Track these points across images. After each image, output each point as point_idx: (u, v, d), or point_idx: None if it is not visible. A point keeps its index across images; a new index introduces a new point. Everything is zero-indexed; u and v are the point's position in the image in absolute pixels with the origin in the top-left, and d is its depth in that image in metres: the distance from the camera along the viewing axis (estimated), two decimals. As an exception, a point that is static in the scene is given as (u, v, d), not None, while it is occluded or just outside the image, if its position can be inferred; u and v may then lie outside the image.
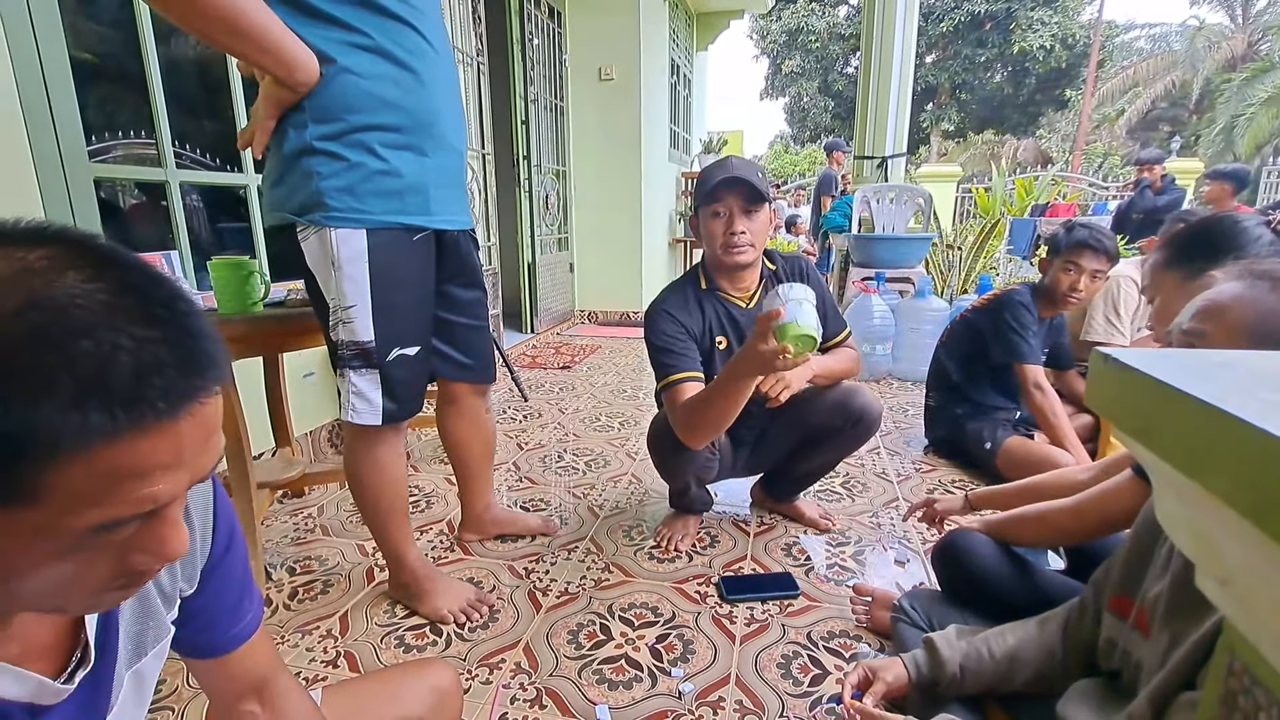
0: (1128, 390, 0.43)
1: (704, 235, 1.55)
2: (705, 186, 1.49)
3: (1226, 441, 0.33)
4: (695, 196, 1.55)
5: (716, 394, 1.34)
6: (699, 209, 1.54)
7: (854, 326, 3.34)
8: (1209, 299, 0.72)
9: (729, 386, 1.30)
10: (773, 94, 17.91)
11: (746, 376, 1.27)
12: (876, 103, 4.15)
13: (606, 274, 4.89)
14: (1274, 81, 12.83)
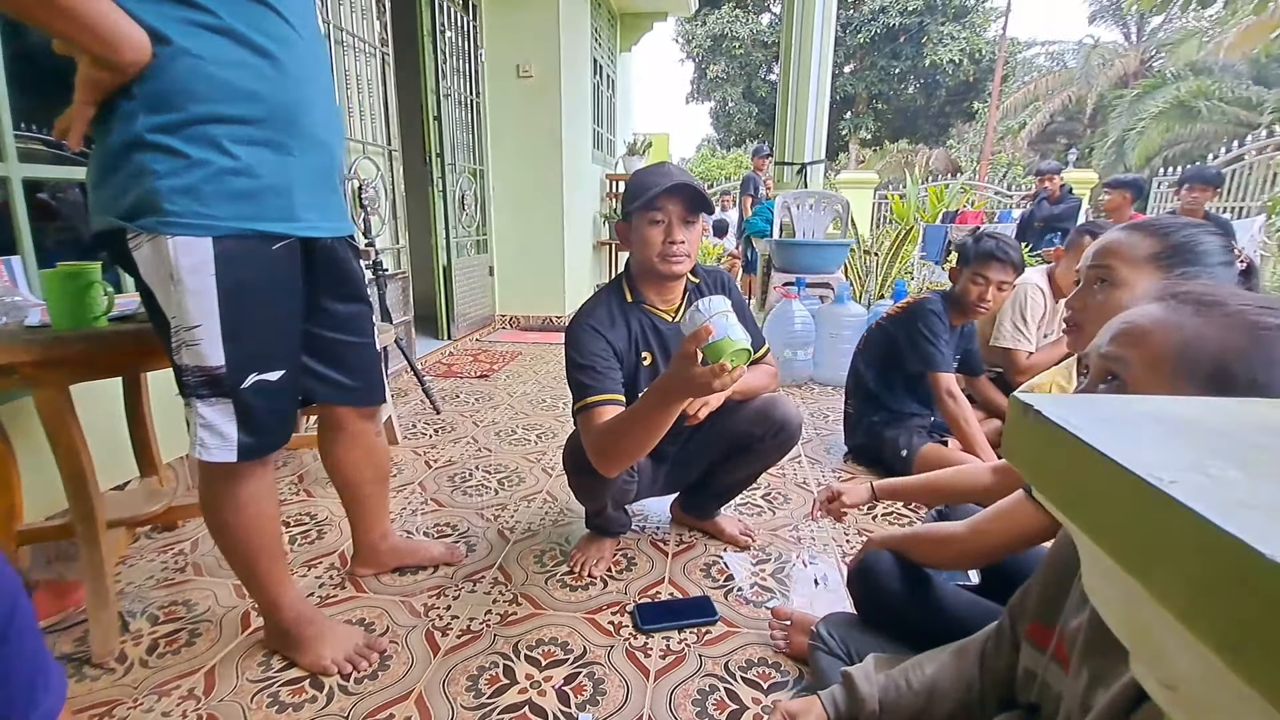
0: (1053, 452, 0.36)
1: (637, 242, 1.45)
2: (644, 192, 1.39)
3: (1177, 541, 0.26)
4: (627, 200, 1.45)
5: (638, 420, 1.23)
6: (632, 214, 1.43)
7: (776, 332, 3.38)
8: (1130, 322, 0.69)
9: (653, 413, 1.20)
10: (698, 98, 18.12)
11: (676, 401, 1.17)
12: (796, 110, 4.20)
13: (528, 277, 4.73)
14: (1164, 97, 13.96)
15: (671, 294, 1.53)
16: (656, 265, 1.44)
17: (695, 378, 1.06)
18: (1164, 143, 14.13)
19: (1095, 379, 0.71)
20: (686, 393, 1.13)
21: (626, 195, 1.46)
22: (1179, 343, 0.64)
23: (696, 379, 1.06)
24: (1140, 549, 0.28)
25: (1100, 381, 0.70)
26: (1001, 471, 1.19)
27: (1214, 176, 4.23)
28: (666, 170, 1.42)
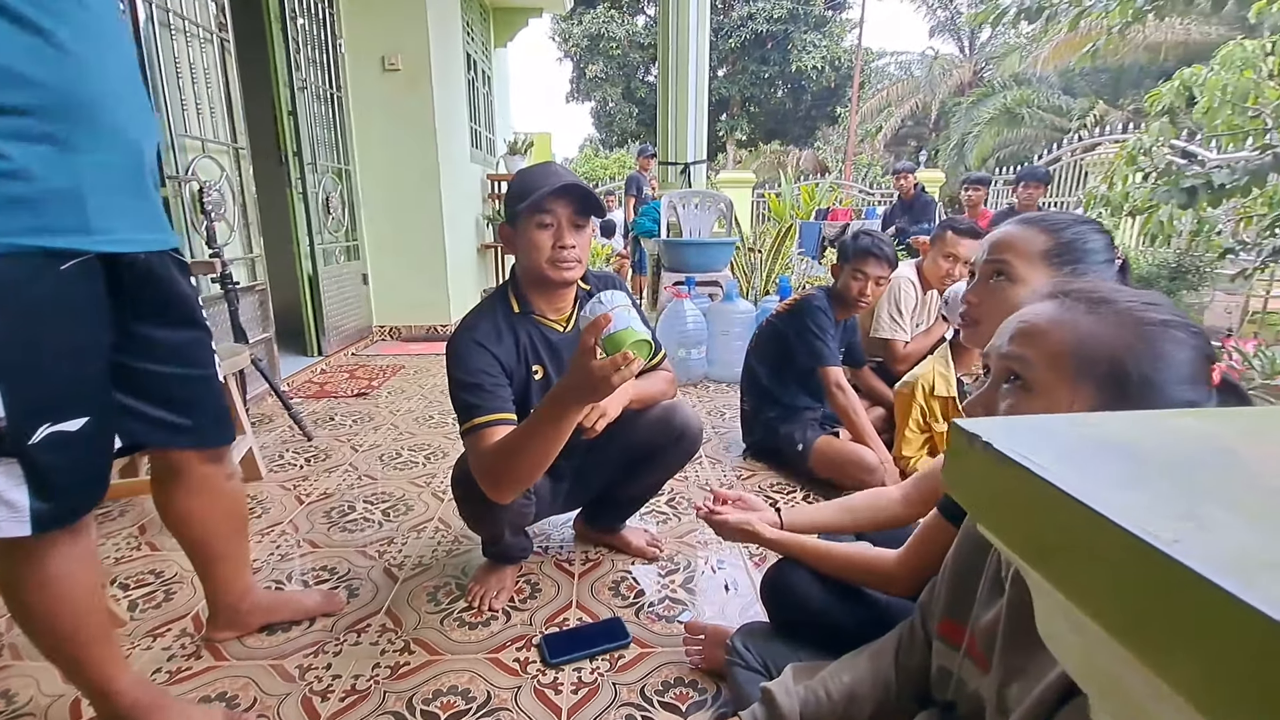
0: (1010, 491, 0.32)
1: (524, 247, 1.34)
2: (530, 193, 1.29)
3: (1189, 613, 0.22)
4: (511, 201, 1.34)
5: (534, 434, 1.14)
6: (517, 216, 1.32)
7: (669, 331, 3.37)
8: (1026, 321, 0.69)
9: (549, 425, 1.11)
10: (578, 97, 18.02)
11: (574, 405, 1.09)
12: (676, 110, 4.23)
13: (408, 285, 4.44)
14: (994, 104, 15.63)
15: (562, 302, 1.45)
16: (546, 272, 1.34)
17: (594, 372, 1.00)
18: (996, 145, 15.80)
19: (998, 379, 0.71)
20: (585, 392, 1.05)
21: (510, 196, 1.35)
22: (1075, 341, 0.64)
23: (596, 374, 1.00)
24: (1137, 618, 0.24)
25: (1003, 381, 0.70)
26: (912, 490, 1.20)
27: (1044, 175, 4.77)
28: (553, 170, 1.33)
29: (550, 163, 1.40)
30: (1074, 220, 0.95)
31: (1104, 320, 0.64)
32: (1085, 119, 14.40)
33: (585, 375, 1.01)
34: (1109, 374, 0.63)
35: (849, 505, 1.25)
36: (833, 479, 2.10)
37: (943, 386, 1.99)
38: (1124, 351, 0.63)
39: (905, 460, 2.17)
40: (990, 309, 0.97)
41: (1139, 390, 0.62)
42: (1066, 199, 8.28)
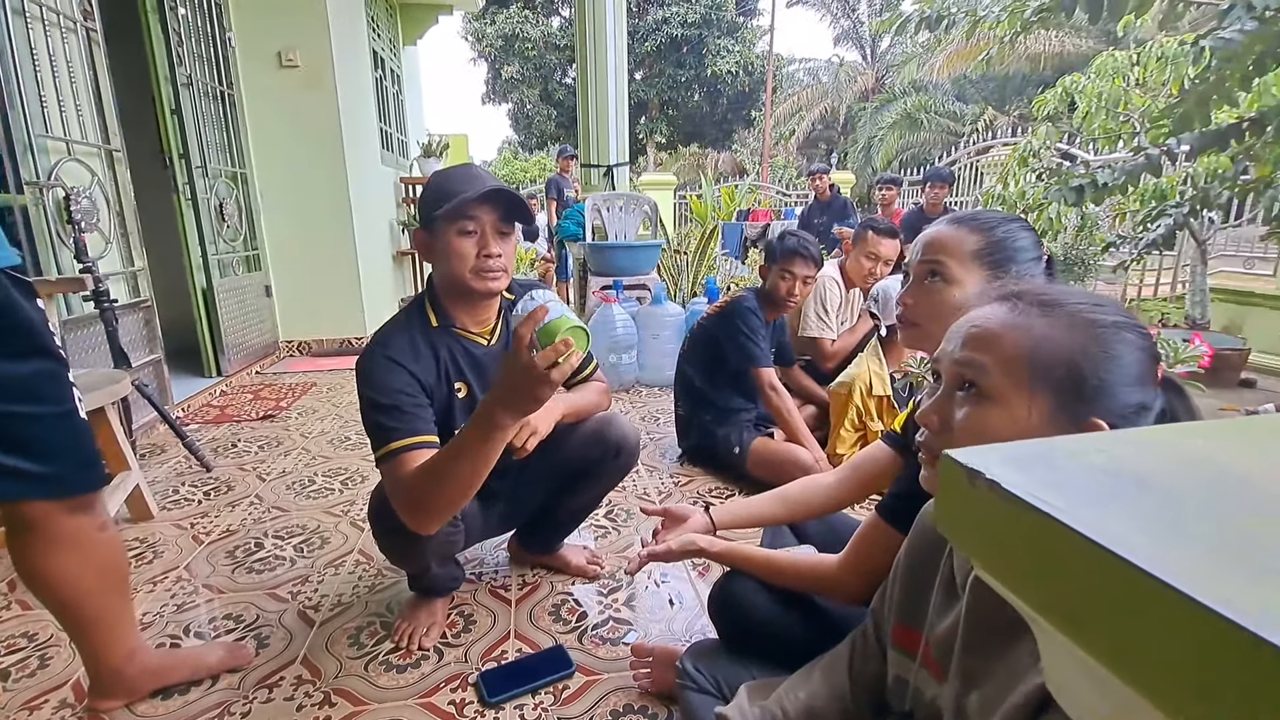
0: (1024, 539, 0.28)
1: (444, 255, 1.23)
2: (449, 197, 1.19)
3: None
4: (428, 205, 1.23)
5: (461, 454, 1.04)
6: (436, 222, 1.22)
7: (598, 337, 3.30)
8: (978, 326, 0.67)
9: (478, 443, 1.01)
10: (495, 99, 17.61)
11: (508, 416, 0.99)
12: (597, 112, 4.17)
13: (317, 296, 4.16)
14: (896, 110, 16.54)
15: (485, 314, 1.35)
16: (469, 282, 1.25)
17: (532, 368, 0.91)
18: (899, 148, 16.69)
19: (951, 385, 0.69)
20: (522, 396, 0.95)
21: (426, 200, 1.25)
22: (1030, 346, 0.63)
23: (534, 370, 0.91)
24: (1209, 697, 0.20)
25: (957, 389, 0.68)
26: (848, 475, 1.19)
27: (948, 175, 5.05)
28: (475, 174, 1.25)
29: (470, 165, 1.31)
30: (1003, 219, 0.96)
31: (1057, 323, 0.63)
32: (977, 124, 15.42)
33: (522, 374, 0.93)
34: (1066, 378, 0.62)
35: (782, 495, 1.23)
36: (770, 480, 2.10)
37: (879, 386, 2.03)
38: (1079, 355, 0.62)
39: (839, 458, 2.20)
40: (927, 310, 0.97)
41: (1094, 394, 0.61)
42: (965, 198, 8.82)
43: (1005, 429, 0.63)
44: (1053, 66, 14.56)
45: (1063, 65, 13.83)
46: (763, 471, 2.11)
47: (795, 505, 1.20)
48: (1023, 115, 16.03)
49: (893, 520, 0.94)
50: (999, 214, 0.97)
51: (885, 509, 0.96)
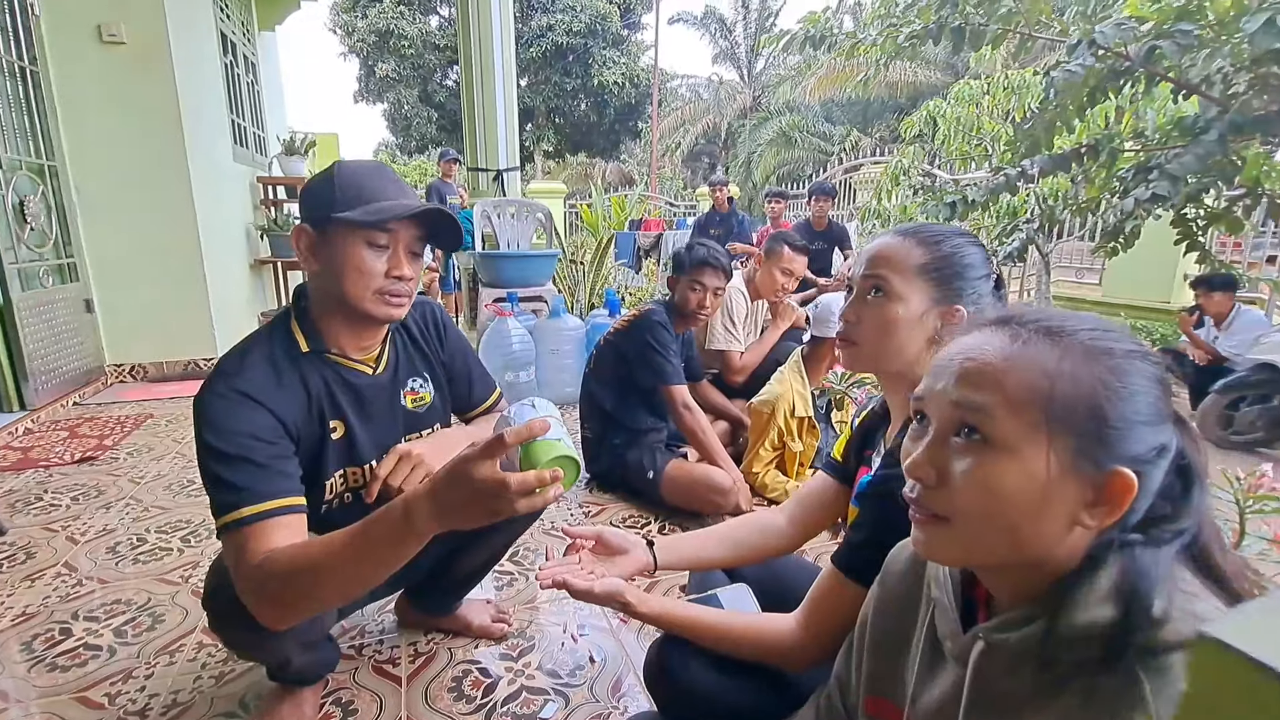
0: None
1: (341, 267, 0.99)
2: (363, 199, 0.97)
3: None
4: (326, 202, 0.98)
5: (360, 556, 0.79)
6: (332, 224, 0.98)
7: (493, 354, 3.06)
8: (973, 358, 0.56)
9: (386, 547, 0.78)
10: (368, 97, 16.49)
11: (440, 523, 0.75)
12: (484, 114, 3.92)
13: (154, 311, 3.57)
14: (772, 128, 17.38)
15: (371, 340, 1.12)
16: (368, 305, 1.01)
17: (499, 486, 0.69)
18: (776, 164, 17.56)
19: (945, 432, 0.57)
20: (469, 510, 0.72)
21: (323, 194, 0.99)
22: (1045, 382, 0.53)
23: (501, 490, 0.69)
24: None
25: (951, 434, 0.56)
26: (795, 510, 1.08)
27: (831, 189, 5.26)
28: (393, 179, 1.04)
29: (383, 166, 1.07)
30: (952, 233, 0.88)
31: (1070, 354, 0.54)
32: (844, 144, 16.54)
33: (484, 488, 0.70)
34: (1088, 420, 0.52)
35: (732, 537, 1.08)
36: (685, 505, 1.98)
37: (801, 406, 1.97)
38: (1100, 392, 0.52)
39: (754, 476, 2.12)
40: (870, 328, 0.88)
41: (1116, 438, 0.52)
42: (841, 212, 9.35)
43: (1021, 484, 0.53)
44: (908, 94, 15.98)
45: (916, 93, 15.22)
46: (678, 496, 1.99)
47: (744, 549, 1.07)
48: (883, 138, 17.42)
49: (854, 574, 0.83)
50: (948, 228, 0.89)
51: (844, 562, 0.85)
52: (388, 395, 1.14)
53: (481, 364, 1.34)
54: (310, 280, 1.07)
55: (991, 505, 0.52)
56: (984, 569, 0.60)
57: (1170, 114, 3.21)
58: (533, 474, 0.70)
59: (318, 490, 1.08)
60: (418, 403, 1.20)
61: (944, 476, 0.55)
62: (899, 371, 0.89)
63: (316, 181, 1.03)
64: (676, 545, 1.04)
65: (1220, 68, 2.54)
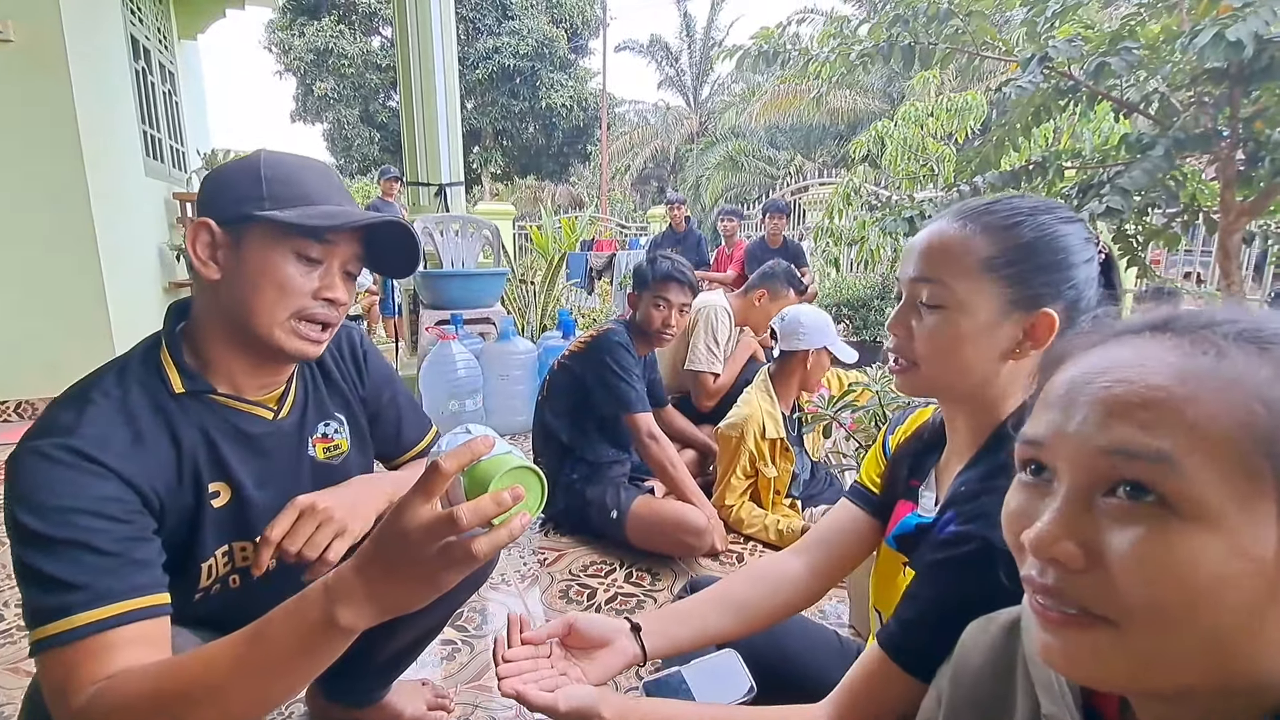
0: None
1: (255, 281, 0.76)
2: (301, 199, 0.77)
3: None
4: (244, 196, 0.76)
5: (259, 671, 0.58)
6: (249, 223, 0.75)
7: (436, 381, 2.78)
8: (1132, 382, 0.37)
9: (298, 653, 0.57)
10: (306, 117, 15.87)
11: (368, 609, 0.55)
12: (424, 123, 3.68)
13: (47, 341, 3.15)
14: (719, 152, 17.64)
15: (277, 376, 0.87)
16: (279, 335, 0.78)
17: (436, 529, 0.52)
18: (724, 187, 17.79)
19: (1088, 491, 0.38)
20: (403, 573, 0.54)
21: (242, 186, 0.77)
22: (1261, 412, 0.35)
23: (440, 531, 0.52)
24: None
25: (1102, 495, 0.37)
26: (819, 574, 0.86)
27: (785, 206, 5.23)
28: (342, 190, 0.83)
29: (323, 166, 0.85)
30: (1031, 208, 0.68)
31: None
32: (789, 168, 16.91)
33: (420, 536, 0.52)
34: None
35: (738, 599, 0.85)
36: (655, 548, 1.77)
37: (773, 428, 1.79)
38: None
39: (728, 509, 1.93)
40: (925, 346, 0.69)
41: None
42: (792, 233, 9.44)
43: (1230, 569, 0.34)
44: (848, 121, 16.51)
45: (855, 120, 15.73)
46: (646, 537, 1.77)
47: (756, 614, 0.84)
48: (826, 162, 17.91)
49: (909, 663, 0.63)
50: (1024, 201, 0.68)
51: (895, 644, 0.65)
52: (292, 445, 0.90)
53: (413, 399, 1.10)
54: (200, 295, 0.81)
55: (1185, 601, 0.33)
56: (1159, 695, 0.40)
57: (1106, 134, 3.29)
58: (487, 497, 0.52)
59: (189, 577, 0.82)
60: (331, 452, 0.95)
61: (1096, 557, 0.36)
62: (967, 394, 0.70)
63: (234, 170, 0.79)
64: (669, 624, 0.81)
65: (1156, 88, 2.60)
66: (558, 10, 16.32)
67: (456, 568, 0.53)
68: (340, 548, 0.81)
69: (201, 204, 0.80)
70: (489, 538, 0.52)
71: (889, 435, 0.89)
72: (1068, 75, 2.55)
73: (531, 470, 0.58)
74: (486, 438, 0.57)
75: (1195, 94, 2.45)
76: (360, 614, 0.55)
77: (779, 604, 0.85)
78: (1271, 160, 2.34)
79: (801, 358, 1.91)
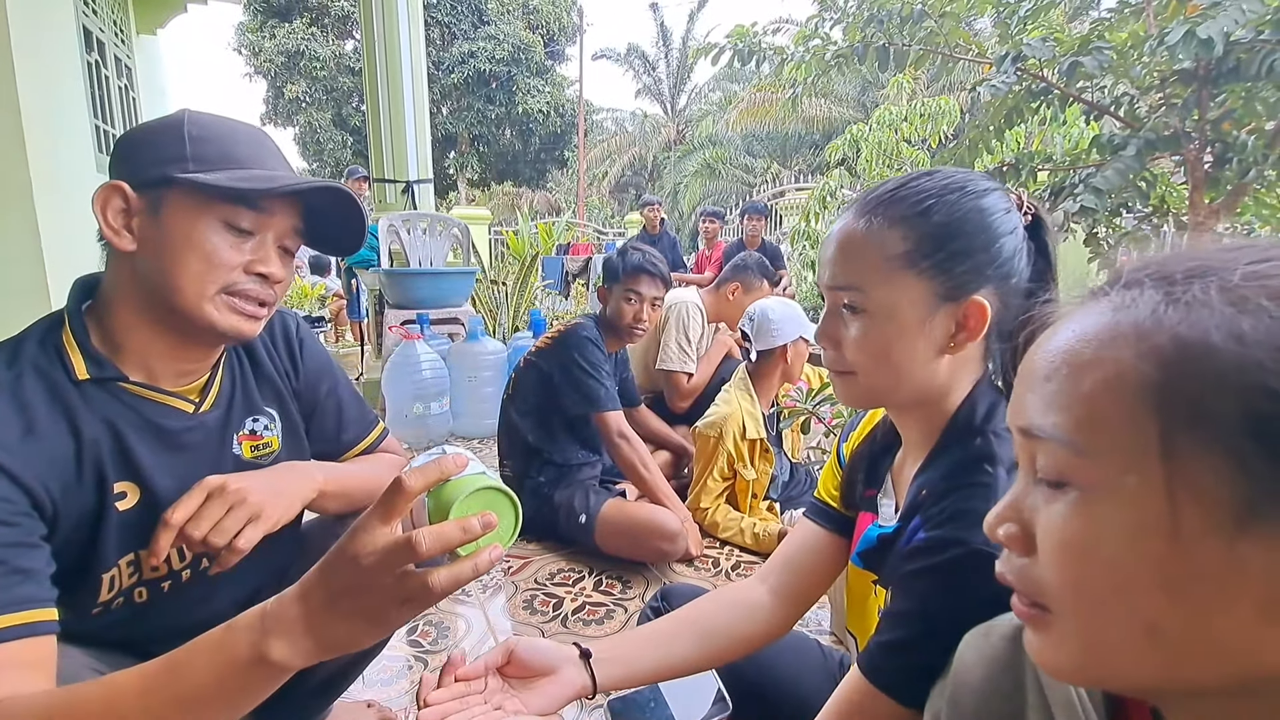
0: None
1: (177, 251, 0.68)
2: (231, 160, 0.70)
3: None
4: (161, 162, 0.68)
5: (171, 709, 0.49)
6: (168, 186, 0.68)
7: (400, 383, 2.66)
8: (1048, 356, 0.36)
9: (223, 695, 0.49)
10: (277, 120, 15.59)
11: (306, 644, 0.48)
12: (390, 115, 3.58)
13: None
14: (697, 160, 17.74)
15: (201, 362, 0.78)
16: (208, 309, 0.70)
17: (391, 555, 0.46)
18: (702, 194, 17.87)
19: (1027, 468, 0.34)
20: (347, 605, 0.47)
21: (167, 145, 0.69)
22: (1137, 372, 0.30)
23: (395, 558, 0.46)
24: None
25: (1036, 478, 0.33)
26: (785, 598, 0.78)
27: (764, 207, 5.22)
28: (277, 154, 0.76)
29: (258, 130, 0.77)
30: (942, 187, 0.61)
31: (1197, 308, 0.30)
32: (765, 175, 17.04)
33: (380, 564, 0.46)
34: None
35: (700, 626, 0.76)
36: (626, 554, 1.68)
37: (753, 428, 1.72)
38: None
39: (703, 513, 1.85)
40: (854, 354, 0.62)
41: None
42: (769, 237, 9.47)
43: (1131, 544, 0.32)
44: (822, 130, 16.71)
45: (830, 128, 15.93)
46: (617, 543, 1.68)
47: (719, 642, 0.75)
48: (802, 170, 18.12)
49: (893, 687, 0.55)
50: (933, 178, 0.62)
51: (878, 669, 0.57)
52: (214, 443, 0.80)
53: (357, 393, 1.00)
54: (112, 268, 0.72)
55: (1098, 581, 0.31)
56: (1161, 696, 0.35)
57: (1076, 139, 3.33)
58: (453, 523, 0.47)
59: (85, 590, 0.72)
60: (259, 450, 0.85)
61: (1030, 542, 0.35)
62: (911, 396, 0.63)
63: (153, 127, 0.71)
64: (623, 651, 0.71)
65: (1125, 91, 2.64)
66: (534, 16, 16.30)
67: (411, 604, 0.47)
68: (253, 535, 0.70)
69: (115, 164, 0.71)
70: (450, 570, 0.46)
71: (842, 444, 0.82)
72: (1040, 77, 2.57)
73: (504, 494, 0.52)
74: (460, 456, 0.51)
75: (1164, 96, 2.47)
76: (296, 650, 0.47)
77: (749, 633, 0.77)
78: (1239, 161, 2.36)
79: (780, 353, 1.84)
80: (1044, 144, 3.46)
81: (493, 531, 0.47)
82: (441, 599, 0.47)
